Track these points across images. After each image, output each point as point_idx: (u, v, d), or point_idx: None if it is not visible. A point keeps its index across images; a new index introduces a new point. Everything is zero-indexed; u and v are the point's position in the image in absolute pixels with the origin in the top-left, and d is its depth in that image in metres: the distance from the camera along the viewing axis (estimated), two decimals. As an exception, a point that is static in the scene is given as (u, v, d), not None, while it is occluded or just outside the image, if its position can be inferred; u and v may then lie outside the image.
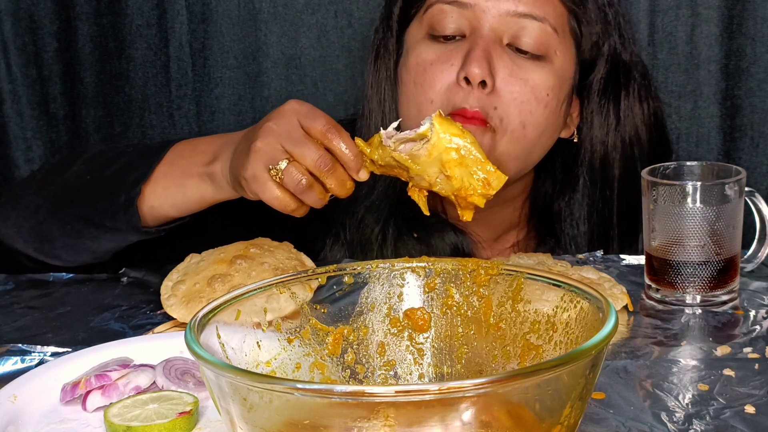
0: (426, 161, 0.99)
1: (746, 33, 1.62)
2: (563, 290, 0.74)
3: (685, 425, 0.83)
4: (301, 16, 1.70)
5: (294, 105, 1.08)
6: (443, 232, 1.33)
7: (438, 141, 0.97)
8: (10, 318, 1.13)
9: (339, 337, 0.80)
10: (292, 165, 1.04)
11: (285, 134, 1.05)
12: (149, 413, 0.84)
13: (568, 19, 1.28)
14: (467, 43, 1.24)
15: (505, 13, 1.23)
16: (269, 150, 1.05)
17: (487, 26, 1.23)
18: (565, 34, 1.28)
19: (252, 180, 1.06)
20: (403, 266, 0.81)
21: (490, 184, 0.99)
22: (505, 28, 1.24)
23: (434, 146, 0.97)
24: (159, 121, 1.76)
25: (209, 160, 1.17)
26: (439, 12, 1.25)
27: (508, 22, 1.23)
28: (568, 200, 1.36)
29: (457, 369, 0.80)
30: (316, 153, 1.03)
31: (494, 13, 1.23)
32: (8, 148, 1.77)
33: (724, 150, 1.67)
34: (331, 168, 1.03)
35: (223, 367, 0.63)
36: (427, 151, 0.98)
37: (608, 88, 1.33)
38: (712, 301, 1.10)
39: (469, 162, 0.98)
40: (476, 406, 0.61)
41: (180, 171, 1.19)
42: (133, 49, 1.73)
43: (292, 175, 1.03)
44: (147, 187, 1.19)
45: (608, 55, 1.32)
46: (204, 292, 1.08)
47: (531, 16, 1.24)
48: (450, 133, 0.97)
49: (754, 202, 1.14)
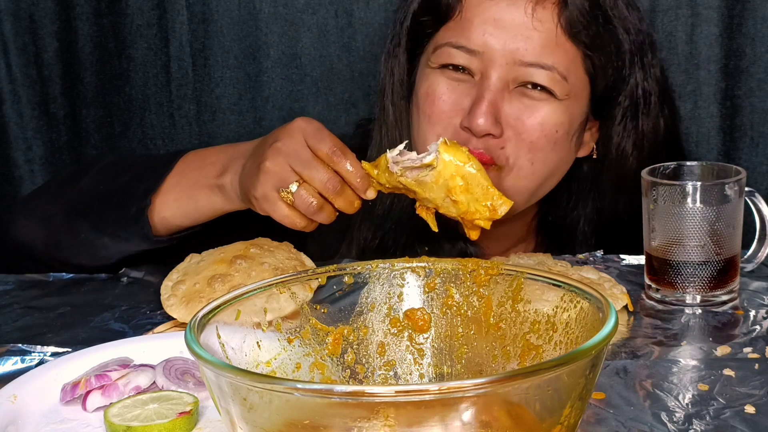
0: (432, 187, 1.01)
1: (746, 33, 1.62)
2: (563, 290, 0.74)
3: (685, 425, 0.83)
4: (301, 16, 1.70)
5: (301, 123, 1.10)
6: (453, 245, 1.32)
7: (444, 169, 0.99)
8: (10, 318, 1.13)
9: (339, 337, 0.80)
10: (302, 188, 1.07)
11: (293, 155, 1.07)
12: (149, 413, 0.84)
13: (582, 59, 1.25)
14: (476, 89, 1.22)
15: (513, 61, 1.21)
16: (278, 171, 1.07)
17: (495, 75, 1.21)
18: (578, 76, 1.25)
19: (263, 200, 1.09)
20: (403, 266, 0.81)
21: (495, 210, 1.01)
22: (513, 75, 1.22)
23: (440, 173, 0.99)
24: (159, 121, 1.76)
25: (219, 172, 1.19)
26: (447, 55, 1.24)
27: (517, 71, 1.21)
28: (581, 216, 1.36)
29: (457, 369, 0.80)
30: (325, 175, 1.06)
31: (502, 62, 1.21)
32: (8, 148, 1.77)
33: (724, 150, 1.67)
34: (340, 190, 1.07)
35: (223, 367, 0.63)
36: (433, 177, 1.00)
37: (627, 115, 1.31)
38: (712, 301, 1.10)
39: (474, 189, 1.00)
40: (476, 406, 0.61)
41: (190, 182, 1.21)
42: (133, 49, 1.73)
43: (303, 198, 1.07)
44: (158, 198, 1.21)
45: (629, 86, 1.29)
46: (204, 292, 1.08)
47: (539, 65, 1.21)
48: (456, 158, 0.99)
49: (754, 202, 1.14)
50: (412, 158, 1.02)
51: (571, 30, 1.22)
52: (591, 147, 1.33)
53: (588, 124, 1.31)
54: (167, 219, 1.22)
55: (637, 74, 1.29)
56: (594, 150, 1.34)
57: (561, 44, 1.22)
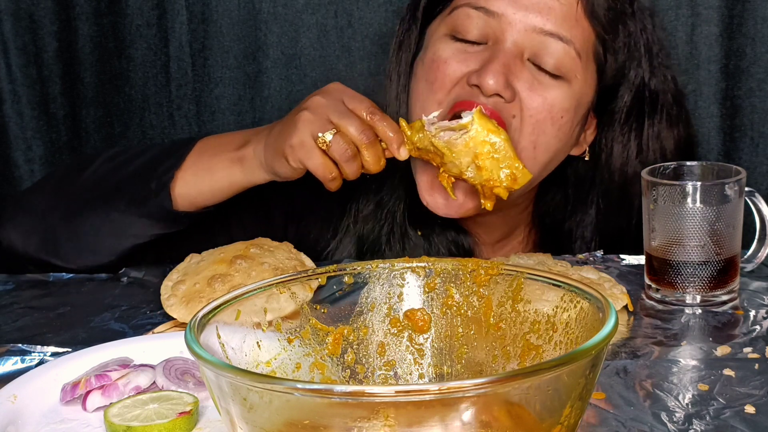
0: (461, 151, 1.08)
1: (746, 33, 1.62)
2: (563, 290, 0.74)
3: (685, 425, 0.83)
4: (301, 16, 1.69)
5: (338, 86, 1.18)
6: (445, 230, 1.33)
7: (477, 134, 1.06)
8: (10, 318, 1.13)
9: (339, 337, 0.80)
10: (338, 135, 1.12)
11: (332, 107, 1.14)
12: (149, 413, 0.84)
13: (594, 43, 1.25)
14: (488, 52, 1.21)
15: (532, 28, 1.20)
16: (317, 119, 1.13)
17: (510, 39, 1.21)
18: (589, 58, 1.25)
19: (299, 146, 1.13)
20: (403, 266, 0.81)
21: (516, 179, 1.09)
22: (529, 43, 1.21)
23: (472, 138, 1.07)
24: (159, 121, 1.76)
25: (239, 145, 1.21)
26: (464, 16, 1.23)
27: (533, 38, 1.21)
28: (580, 221, 1.36)
29: (457, 369, 0.80)
30: (360, 126, 1.12)
31: (520, 27, 1.20)
32: (8, 148, 1.77)
33: (724, 150, 1.67)
34: (372, 142, 1.12)
35: (223, 367, 0.63)
36: (465, 141, 1.07)
37: (631, 116, 1.30)
38: (712, 301, 1.10)
39: (500, 156, 1.07)
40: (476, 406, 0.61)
41: (209, 156, 1.23)
42: (133, 49, 1.73)
43: (339, 144, 1.12)
44: (179, 175, 1.22)
45: (634, 84, 1.29)
46: (204, 292, 1.08)
47: (557, 36, 1.21)
48: (487, 129, 1.06)
49: (754, 202, 1.14)
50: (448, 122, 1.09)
51: (590, 9, 1.23)
52: (584, 148, 1.33)
53: (587, 122, 1.31)
54: (183, 195, 1.22)
55: (645, 73, 1.29)
56: (586, 152, 1.33)
57: (579, 21, 1.22)
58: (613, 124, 1.31)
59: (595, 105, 1.29)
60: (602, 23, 1.24)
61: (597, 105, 1.29)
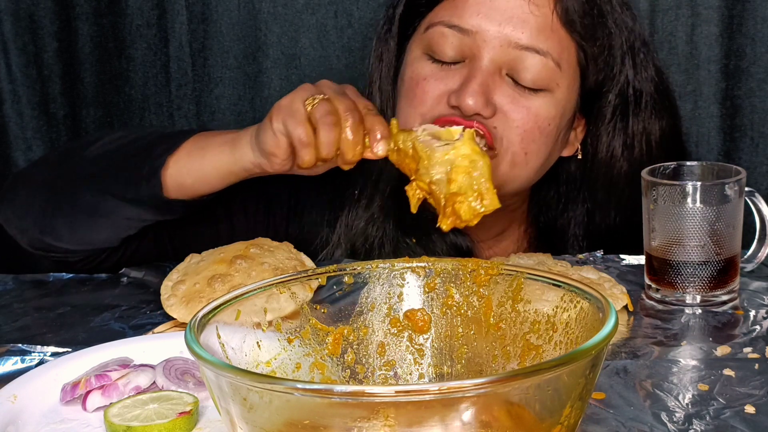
0: (439, 159, 1.03)
1: (746, 33, 1.62)
2: (563, 290, 0.74)
3: (685, 425, 0.83)
4: (301, 16, 1.69)
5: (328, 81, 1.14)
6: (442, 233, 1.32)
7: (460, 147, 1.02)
8: (10, 318, 1.13)
9: (339, 337, 0.80)
10: (326, 101, 1.08)
11: (333, 87, 1.11)
12: (149, 413, 0.84)
13: (575, 50, 1.25)
14: (466, 69, 1.21)
15: (507, 43, 1.20)
16: (312, 90, 1.10)
17: (487, 57, 1.21)
18: (570, 65, 1.25)
19: (286, 107, 1.09)
20: (403, 266, 0.81)
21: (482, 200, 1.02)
22: (505, 59, 1.21)
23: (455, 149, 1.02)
24: (159, 121, 1.76)
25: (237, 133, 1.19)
26: (439, 35, 1.23)
27: (509, 54, 1.20)
28: (572, 218, 1.36)
29: (457, 369, 0.80)
30: (352, 106, 1.08)
31: (495, 44, 1.20)
32: (8, 148, 1.77)
33: (724, 150, 1.67)
34: (357, 124, 1.07)
35: (223, 367, 0.63)
36: (445, 151, 1.02)
37: (616, 114, 1.30)
38: (712, 301, 1.10)
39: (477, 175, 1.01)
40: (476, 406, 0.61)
41: (204, 142, 1.20)
42: (133, 49, 1.73)
43: (324, 106, 1.07)
44: (172, 161, 1.20)
45: (618, 82, 1.29)
46: (204, 292, 1.08)
47: (534, 49, 1.20)
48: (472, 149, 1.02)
49: (754, 202, 1.14)
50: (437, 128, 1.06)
51: (566, 18, 1.22)
52: (575, 147, 1.33)
53: (575, 122, 1.31)
54: (174, 177, 1.19)
55: (628, 72, 1.29)
56: (578, 150, 1.33)
57: (555, 31, 1.22)
58: (600, 122, 1.31)
59: (582, 105, 1.30)
60: (579, 30, 1.24)
61: (584, 105, 1.30)
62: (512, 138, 1.21)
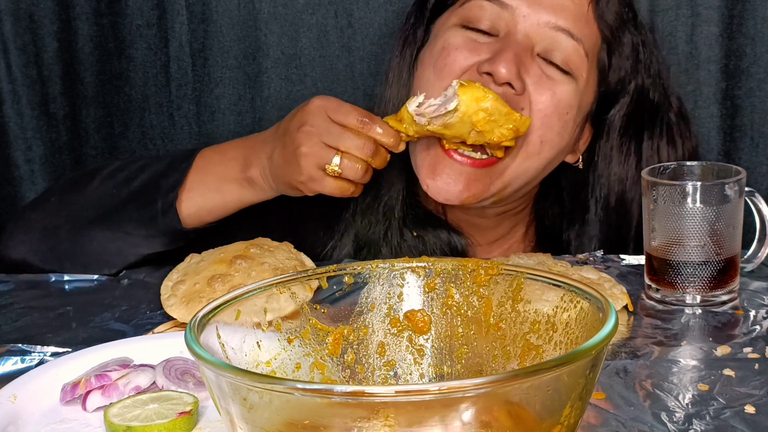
0: (458, 126, 1.11)
1: (746, 33, 1.62)
2: (563, 290, 0.74)
3: (685, 425, 0.83)
4: (301, 16, 1.69)
5: (320, 102, 1.16)
6: (438, 231, 1.32)
7: (467, 108, 1.09)
8: (10, 318, 1.13)
9: (339, 337, 0.80)
10: (344, 158, 1.14)
11: (325, 133, 1.14)
12: (149, 413, 0.84)
13: (600, 47, 1.26)
14: (499, 43, 1.21)
15: (545, 23, 1.21)
16: (316, 151, 1.14)
17: (522, 32, 1.21)
18: (594, 61, 1.26)
19: (310, 181, 1.16)
20: (403, 266, 0.81)
21: (518, 130, 1.13)
22: (540, 38, 1.21)
23: (464, 113, 1.10)
24: (159, 121, 1.75)
25: (242, 166, 1.22)
26: (477, 7, 1.23)
27: (544, 33, 1.21)
28: (579, 232, 1.35)
29: (457, 369, 0.80)
30: (360, 142, 1.14)
31: (533, 21, 1.21)
32: (8, 148, 1.76)
33: (724, 150, 1.67)
34: (376, 151, 1.15)
35: (223, 367, 0.63)
36: (458, 118, 1.10)
37: (631, 126, 1.31)
38: (712, 301, 1.10)
39: (496, 117, 1.10)
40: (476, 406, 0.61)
41: (215, 177, 1.23)
42: (133, 49, 1.73)
43: (349, 167, 1.15)
44: (183, 194, 1.22)
45: (634, 94, 1.30)
46: (204, 292, 1.08)
47: (568, 32, 1.22)
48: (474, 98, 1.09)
49: (754, 202, 1.14)
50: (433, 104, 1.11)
51: (600, 13, 1.24)
52: (578, 156, 1.33)
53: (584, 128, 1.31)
54: (191, 215, 1.24)
55: (646, 86, 1.30)
56: (580, 160, 1.33)
57: (589, 23, 1.24)
58: (612, 135, 1.31)
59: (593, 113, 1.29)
60: (610, 28, 1.26)
61: (594, 113, 1.30)
62: (533, 123, 1.21)
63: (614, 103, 1.30)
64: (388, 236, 1.32)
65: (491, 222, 1.35)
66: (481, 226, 1.35)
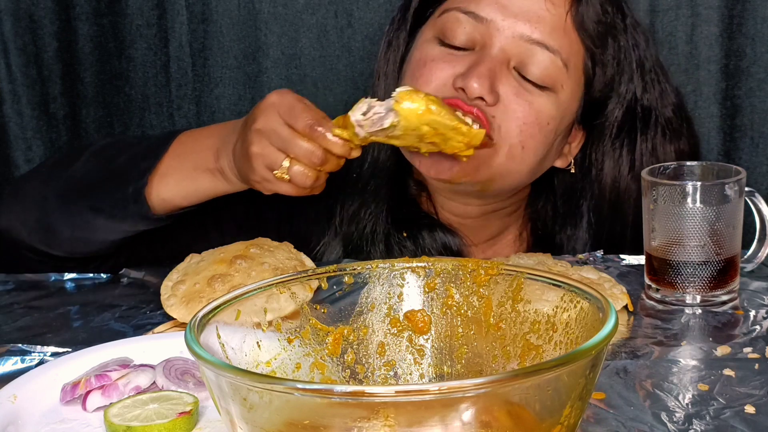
0: (405, 137, 1.06)
1: (746, 33, 1.62)
2: (563, 290, 0.74)
3: (685, 425, 0.83)
4: (301, 16, 1.69)
5: (274, 99, 1.14)
6: (433, 231, 1.32)
7: (407, 122, 1.03)
8: (10, 318, 1.13)
9: (339, 337, 0.80)
10: (293, 163, 1.10)
11: (274, 135, 1.11)
12: (149, 413, 0.84)
13: (583, 56, 1.25)
14: (474, 56, 1.22)
15: (519, 36, 1.21)
16: (266, 153, 1.11)
17: (497, 45, 1.21)
18: (577, 70, 1.25)
19: (263, 182, 1.13)
20: (403, 266, 0.81)
21: (471, 142, 1.07)
22: (516, 51, 1.21)
23: (406, 127, 1.04)
24: (159, 121, 1.76)
25: (215, 156, 1.21)
26: (453, 19, 1.23)
27: (520, 46, 1.21)
28: (572, 235, 1.35)
29: (457, 369, 0.80)
30: (309, 150, 1.09)
31: (508, 34, 1.21)
32: (8, 148, 1.77)
33: (724, 150, 1.67)
34: (325, 159, 1.10)
35: (223, 367, 0.63)
36: (401, 130, 1.04)
37: (622, 131, 1.30)
38: (712, 301, 1.10)
39: (443, 131, 1.05)
40: (476, 406, 0.61)
41: (190, 164, 1.22)
42: (133, 49, 1.73)
43: (298, 174, 1.11)
44: (156, 179, 1.22)
45: (625, 99, 1.29)
46: (204, 292, 1.08)
47: (544, 45, 1.21)
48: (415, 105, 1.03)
49: (754, 202, 1.14)
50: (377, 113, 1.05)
51: (580, 21, 1.23)
52: (569, 161, 1.32)
53: (571, 134, 1.31)
54: (167, 200, 1.23)
55: (637, 90, 1.29)
56: (572, 165, 1.33)
57: (568, 32, 1.23)
58: (603, 139, 1.30)
59: (582, 118, 1.29)
60: (591, 36, 1.24)
61: (584, 118, 1.29)
62: (511, 129, 1.21)
63: (603, 108, 1.29)
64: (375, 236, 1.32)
65: (481, 221, 1.35)
66: (472, 225, 1.35)
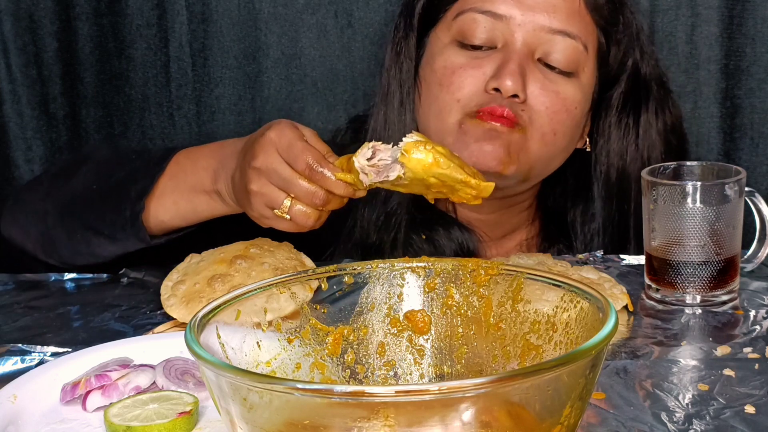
0: (411, 186, 1.00)
1: (746, 33, 1.62)
2: (563, 290, 0.74)
3: (685, 425, 0.83)
4: (301, 16, 1.69)
5: (272, 137, 1.06)
6: (449, 230, 1.33)
7: (414, 174, 0.97)
8: (10, 318, 1.13)
9: (339, 337, 0.80)
10: (294, 202, 1.05)
11: (274, 174, 1.05)
12: (149, 413, 0.84)
13: (597, 36, 1.28)
14: (500, 55, 1.23)
15: (540, 28, 1.23)
16: (265, 192, 1.06)
17: (520, 40, 1.23)
18: (593, 50, 1.28)
19: (263, 219, 1.09)
20: (403, 266, 0.81)
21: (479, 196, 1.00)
22: (538, 42, 1.24)
23: (412, 179, 0.98)
24: (159, 121, 1.75)
25: (213, 179, 1.17)
26: (470, 20, 1.25)
27: (541, 38, 1.23)
28: (583, 211, 1.36)
29: (457, 369, 0.80)
30: (310, 191, 1.04)
31: (529, 28, 1.23)
32: (8, 148, 1.77)
33: (724, 150, 1.67)
34: (327, 200, 1.05)
35: (223, 367, 0.63)
36: (408, 180, 0.98)
37: (628, 103, 1.33)
38: (712, 301, 1.10)
39: (452, 183, 0.98)
40: (476, 406, 0.61)
41: (187, 187, 1.19)
42: (133, 49, 1.73)
43: (298, 214, 1.06)
44: (153, 201, 1.20)
45: (630, 71, 1.32)
46: (204, 292, 1.08)
47: (564, 33, 1.24)
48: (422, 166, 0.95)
49: (754, 202, 1.14)
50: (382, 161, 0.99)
51: (593, 3, 1.26)
52: (585, 140, 1.35)
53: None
54: (165, 222, 1.21)
55: (639, 61, 1.33)
56: (587, 143, 1.35)
57: (582, 16, 1.26)
58: (610, 111, 1.33)
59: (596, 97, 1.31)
60: (604, 15, 1.28)
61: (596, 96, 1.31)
62: (542, 120, 1.24)
63: (615, 83, 1.32)
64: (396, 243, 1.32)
65: (498, 216, 1.36)
66: (490, 221, 1.35)
